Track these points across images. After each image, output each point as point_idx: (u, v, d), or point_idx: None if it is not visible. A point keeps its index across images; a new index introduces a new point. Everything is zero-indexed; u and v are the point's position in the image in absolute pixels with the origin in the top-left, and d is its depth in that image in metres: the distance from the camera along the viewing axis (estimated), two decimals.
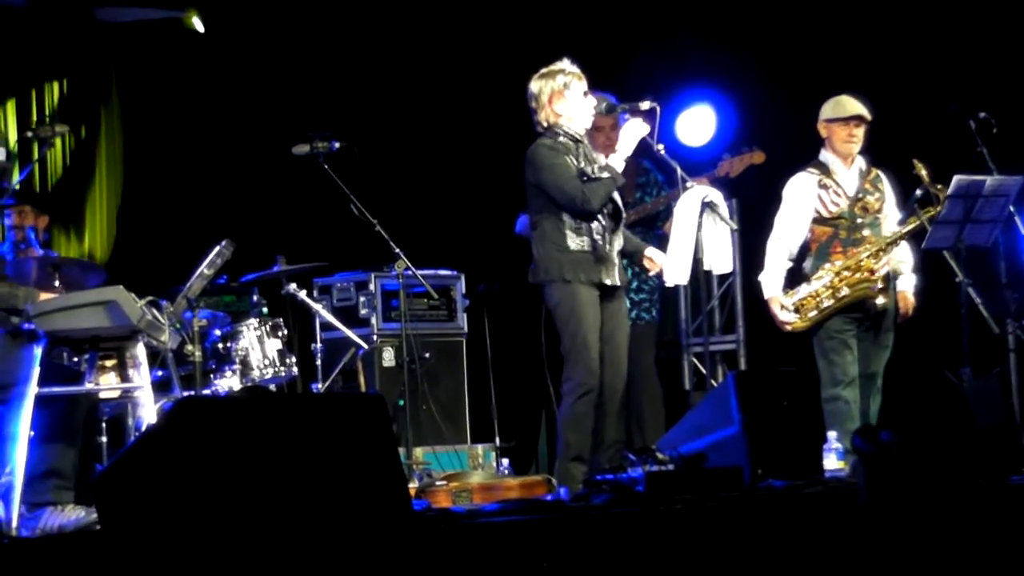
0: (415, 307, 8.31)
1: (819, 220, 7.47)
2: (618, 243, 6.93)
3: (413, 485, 7.00)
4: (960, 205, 7.58)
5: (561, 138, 6.89)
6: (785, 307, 7.40)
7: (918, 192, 7.41)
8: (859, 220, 7.47)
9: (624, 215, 6.97)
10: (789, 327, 7.44)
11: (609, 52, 9.31)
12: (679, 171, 7.02)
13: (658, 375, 8.06)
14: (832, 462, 6.89)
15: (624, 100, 7.21)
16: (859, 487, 5.85)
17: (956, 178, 7.55)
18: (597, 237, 6.81)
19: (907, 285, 7.62)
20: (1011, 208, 7.95)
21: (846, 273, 7.38)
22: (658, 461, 6.20)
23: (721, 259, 7.45)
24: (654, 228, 7.78)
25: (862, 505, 5.75)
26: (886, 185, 7.60)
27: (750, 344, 9.29)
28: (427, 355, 8.25)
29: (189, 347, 6.85)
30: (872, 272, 7.37)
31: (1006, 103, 8.52)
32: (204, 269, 6.58)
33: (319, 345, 8.00)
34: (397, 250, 7.42)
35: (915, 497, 5.72)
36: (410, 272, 7.50)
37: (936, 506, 5.72)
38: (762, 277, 7.52)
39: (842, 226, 7.46)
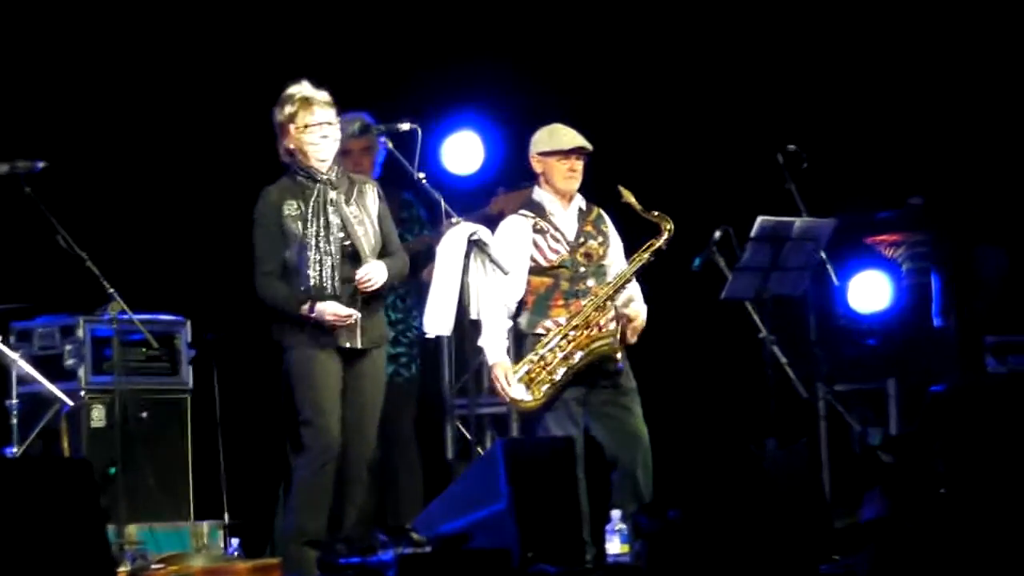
0: (131, 358, 7.93)
1: (536, 270, 6.97)
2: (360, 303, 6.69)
3: (124, 568, 6.88)
4: (765, 250, 7.57)
5: (299, 177, 6.63)
6: (510, 382, 6.86)
7: (717, 233, 7.24)
8: (582, 269, 6.98)
9: None
10: (518, 403, 6.93)
11: (373, 72, 9.13)
12: (443, 204, 6.78)
13: (417, 441, 7.83)
14: (616, 546, 6.73)
15: (381, 121, 7.05)
16: (643, 572, 5.91)
17: (760, 219, 7.55)
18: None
19: (636, 309, 7.05)
20: (822, 254, 7.98)
21: (574, 333, 6.87)
22: (413, 543, 6.04)
23: None
24: (415, 274, 7.36)
25: None
26: (610, 227, 7.13)
27: None
28: (144, 414, 7.93)
29: None
30: (601, 327, 6.90)
31: (819, 139, 8.58)
32: None
33: (15, 401, 7.47)
34: (111, 290, 7.18)
35: None
36: (126, 316, 7.31)
37: None
38: (482, 341, 7.01)
39: (563, 276, 6.96)
